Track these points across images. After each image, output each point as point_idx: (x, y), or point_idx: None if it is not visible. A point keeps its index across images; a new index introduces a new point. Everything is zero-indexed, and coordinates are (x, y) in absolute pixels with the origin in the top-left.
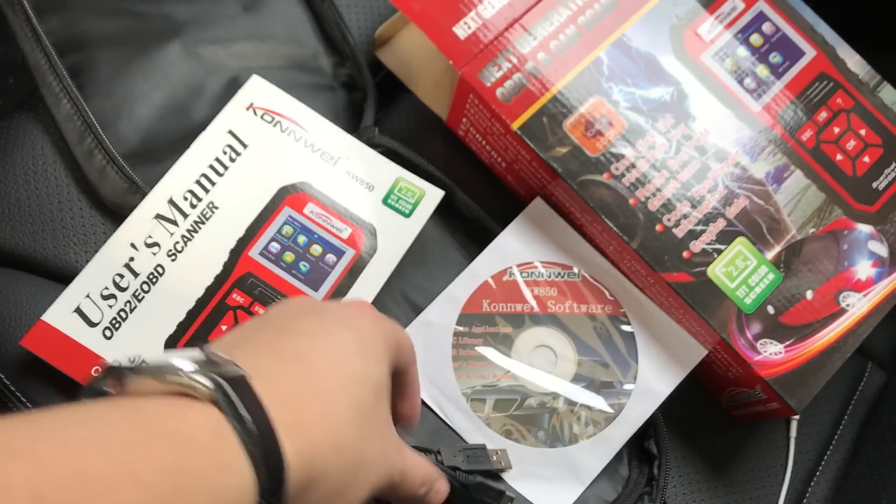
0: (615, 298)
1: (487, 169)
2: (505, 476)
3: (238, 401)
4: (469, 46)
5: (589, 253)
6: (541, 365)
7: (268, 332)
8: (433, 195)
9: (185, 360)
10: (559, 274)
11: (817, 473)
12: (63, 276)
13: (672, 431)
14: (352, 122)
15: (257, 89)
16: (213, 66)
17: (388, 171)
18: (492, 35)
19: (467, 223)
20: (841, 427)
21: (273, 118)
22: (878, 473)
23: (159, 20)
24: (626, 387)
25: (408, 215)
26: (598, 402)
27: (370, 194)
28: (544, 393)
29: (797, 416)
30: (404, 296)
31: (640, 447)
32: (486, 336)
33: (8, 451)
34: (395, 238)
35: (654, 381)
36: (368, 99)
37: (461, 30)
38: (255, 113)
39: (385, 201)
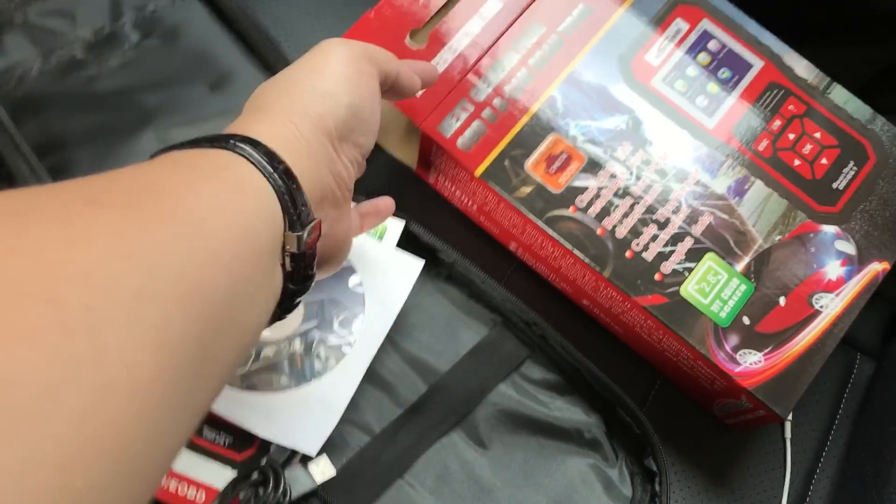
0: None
1: (461, 213)
2: (257, 430)
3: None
4: (426, 102)
5: None
6: None
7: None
8: (395, 226)
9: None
10: None
11: (817, 471)
12: None
13: (671, 446)
14: None
15: None
16: None
17: None
18: (447, 88)
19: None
20: (836, 421)
21: None
22: (877, 457)
23: (130, 110)
24: (358, 317)
25: (380, 238)
26: (334, 337)
27: None
28: (278, 341)
29: (789, 419)
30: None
31: (641, 466)
32: None
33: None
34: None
35: (382, 304)
36: None
37: None
38: None
39: None
